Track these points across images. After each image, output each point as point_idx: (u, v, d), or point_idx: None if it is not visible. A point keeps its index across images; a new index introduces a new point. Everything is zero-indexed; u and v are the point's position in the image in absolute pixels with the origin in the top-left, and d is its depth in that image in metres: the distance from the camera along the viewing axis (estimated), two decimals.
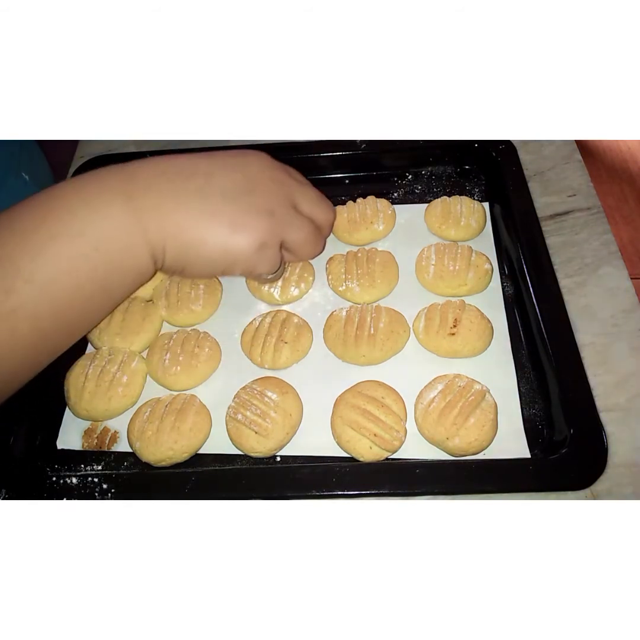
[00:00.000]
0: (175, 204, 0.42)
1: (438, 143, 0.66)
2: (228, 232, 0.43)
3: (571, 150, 0.67)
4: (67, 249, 0.39)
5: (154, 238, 0.42)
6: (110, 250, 0.40)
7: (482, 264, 0.56)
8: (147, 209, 0.41)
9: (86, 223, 0.39)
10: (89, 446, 0.51)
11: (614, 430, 0.48)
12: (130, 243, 0.41)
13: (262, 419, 0.48)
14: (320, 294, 0.59)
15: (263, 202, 0.45)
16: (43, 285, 0.38)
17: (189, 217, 0.42)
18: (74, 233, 0.39)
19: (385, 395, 0.49)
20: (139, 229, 0.41)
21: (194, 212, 0.42)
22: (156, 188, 0.42)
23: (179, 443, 0.48)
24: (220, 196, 0.43)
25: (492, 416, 0.47)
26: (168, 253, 0.43)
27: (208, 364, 0.54)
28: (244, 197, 0.44)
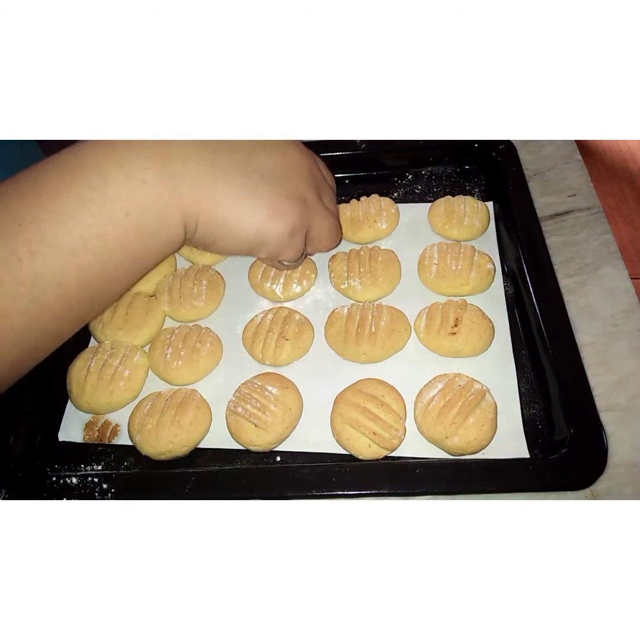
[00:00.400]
0: (215, 176, 0.40)
1: (438, 143, 0.66)
2: (265, 215, 0.42)
3: (571, 150, 0.67)
4: (97, 213, 0.37)
5: (189, 209, 0.40)
6: (143, 217, 0.38)
7: (485, 264, 0.56)
8: (185, 177, 0.39)
9: (118, 188, 0.37)
10: (90, 439, 0.52)
11: (614, 430, 0.48)
12: (164, 211, 0.39)
13: (262, 412, 0.48)
14: (322, 292, 0.59)
15: (298, 188, 0.44)
16: (69, 251, 0.36)
17: (227, 192, 0.41)
18: (104, 197, 0.37)
19: (385, 393, 0.49)
20: (174, 197, 0.39)
21: (233, 187, 0.41)
22: (195, 156, 0.40)
23: (179, 437, 0.48)
24: (260, 175, 0.42)
25: (491, 416, 0.47)
26: (200, 226, 0.41)
27: (209, 359, 0.54)
28: (283, 180, 0.43)
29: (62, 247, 0.36)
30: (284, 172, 0.44)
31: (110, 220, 0.37)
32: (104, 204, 0.37)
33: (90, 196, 0.37)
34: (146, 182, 0.38)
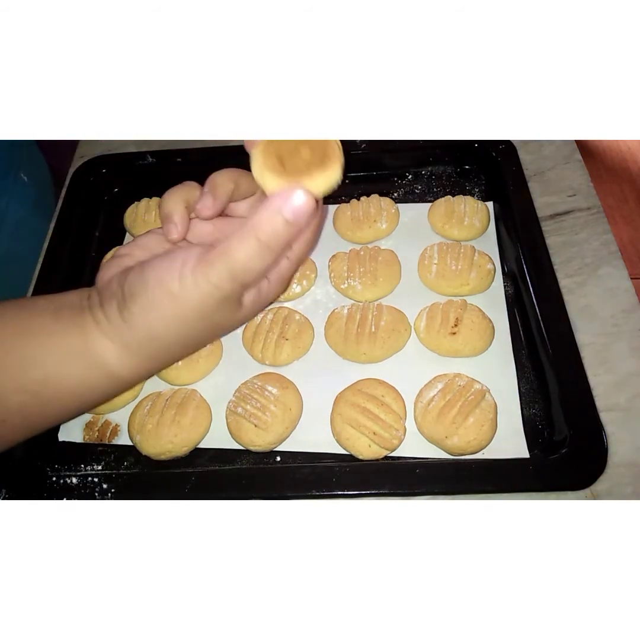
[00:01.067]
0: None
1: (438, 143, 0.66)
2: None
3: (571, 150, 0.67)
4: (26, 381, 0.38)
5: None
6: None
7: (485, 264, 0.56)
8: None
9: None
10: (90, 439, 0.52)
11: (614, 430, 0.48)
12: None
13: (262, 412, 0.48)
14: (322, 292, 0.59)
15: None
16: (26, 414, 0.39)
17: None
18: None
19: (385, 393, 0.49)
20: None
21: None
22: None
23: (179, 437, 0.48)
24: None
25: (491, 416, 0.47)
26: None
27: (209, 360, 0.54)
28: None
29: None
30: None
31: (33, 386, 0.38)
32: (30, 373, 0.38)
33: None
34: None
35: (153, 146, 0.70)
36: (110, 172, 0.68)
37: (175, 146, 0.69)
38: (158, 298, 0.37)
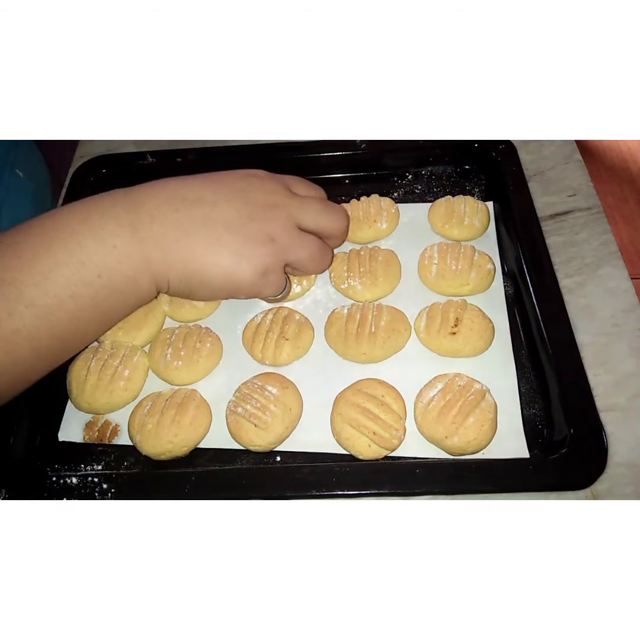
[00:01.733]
0: (180, 235, 0.43)
1: (438, 143, 0.66)
2: (230, 262, 0.45)
3: (571, 150, 0.67)
4: (71, 276, 0.40)
5: (158, 269, 0.43)
6: (113, 279, 0.42)
7: (485, 264, 0.56)
8: (152, 240, 0.43)
9: (91, 253, 0.41)
10: (90, 439, 0.52)
11: (614, 430, 0.48)
12: (134, 273, 0.43)
13: (262, 412, 0.48)
14: (322, 292, 0.59)
15: (264, 228, 0.46)
16: (44, 309, 0.40)
17: (192, 247, 0.44)
18: (79, 261, 0.41)
19: (385, 393, 0.49)
20: (143, 260, 0.43)
21: (197, 242, 0.44)
22: (161, 218, 0.43)
23: (179, 437, 0.48)
24: (222, 225, 0.44)
25: (491, 416, 0.47)
26: (172, 282, 0.45)
27: (209, 359, 0.54)
28: (246, 225, 0.45)
29: (37, 305, 0.39)
30: (247, 216, 0.46)
31: (83, 281, 0.41)
32: (78, 268, 0.41)
33: (66, 260, 0.40)
34: (116, 247, 0.42)
35: (153, 146, 0.70)
36: (110, 172, 0.68)
37: (175, 146, 0.69)
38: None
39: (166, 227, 0.43)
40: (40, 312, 0.40)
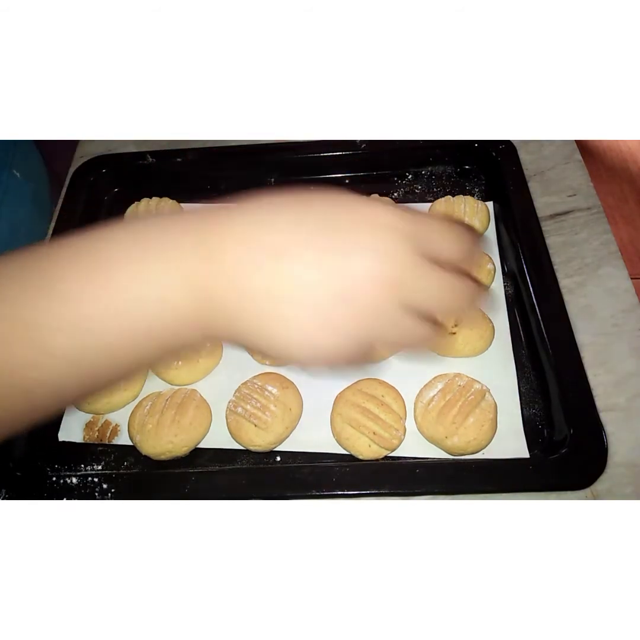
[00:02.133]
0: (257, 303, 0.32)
1: (438, 143, 0.66)
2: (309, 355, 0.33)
3: (571, 150, 0.67)
4: (129, 307, 0.31)
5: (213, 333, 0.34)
6: (162, 336, 0.32)
7: (485, 264, 0.56)
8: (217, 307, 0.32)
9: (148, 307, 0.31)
10: (90, 439, 0.52)
11: (614, 430, 0.48)
12: (187, 333, 0.33)
13: (262, 412, 0.48)
14: None
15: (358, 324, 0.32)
16: (74, 359, 0.32)
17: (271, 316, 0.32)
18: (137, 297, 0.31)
19: (385, 393, 0.49)
20: (203, 325, 0.32)
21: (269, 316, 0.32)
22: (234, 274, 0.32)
23: (179, 437, 0.48)
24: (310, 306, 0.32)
25: (491, 416, 0.47)
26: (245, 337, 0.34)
27: (209, 360, 0.54)
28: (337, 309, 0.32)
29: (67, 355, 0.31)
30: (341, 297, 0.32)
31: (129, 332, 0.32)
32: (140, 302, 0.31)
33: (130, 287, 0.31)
34: (177, 306, 0.32)
35: (153, 146, 0.70)
36: (110, 172, 0.68)
37: (175, 146, 0.69)
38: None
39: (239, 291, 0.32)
40: (68, 363, 0.31)
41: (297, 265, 0.31)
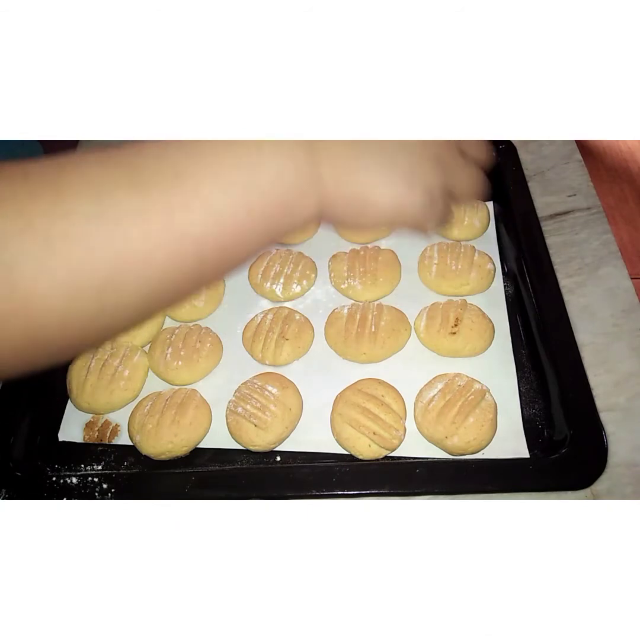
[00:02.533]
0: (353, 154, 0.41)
1: None
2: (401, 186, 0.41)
3: (571, 150, 0.67)
4: (246, 180, 0.36)
5: (327, 191, 0.39)
6: (287, 193, 0.38)
7: (485, 264, 0.56)
8: (326, 156, 0.40)
9: (267, 158, 0.37)
10: (90, 439, 0.52)
11: (614, 430, 0.48)
12: (306, 189, 0.38)
13: (262, 412, 0.48)
14: (322, 292, 0.59)
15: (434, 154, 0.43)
16: (216, 211, 0.36)
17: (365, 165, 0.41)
18: (257, 168, 0.37)
19: (385, 393, 0.49)
20: (317, 176, 0.39)
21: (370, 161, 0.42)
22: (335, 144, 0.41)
23: (179, 436, 0.49)
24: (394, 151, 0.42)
25: (491, 416, 0.47)
26: (338, 204, 0.40)
27: (209, 359, 0.54)
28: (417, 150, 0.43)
29: (211, 206, 0.35)
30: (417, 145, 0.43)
31: (257, 190, 0.37)
32: (256, 174, 0.37)
33: (242, 161, 0.37)
34: (294, 159, 0.38)
35: None
36: None
37: None
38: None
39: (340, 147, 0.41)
40: (211, 214, 0.35)
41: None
